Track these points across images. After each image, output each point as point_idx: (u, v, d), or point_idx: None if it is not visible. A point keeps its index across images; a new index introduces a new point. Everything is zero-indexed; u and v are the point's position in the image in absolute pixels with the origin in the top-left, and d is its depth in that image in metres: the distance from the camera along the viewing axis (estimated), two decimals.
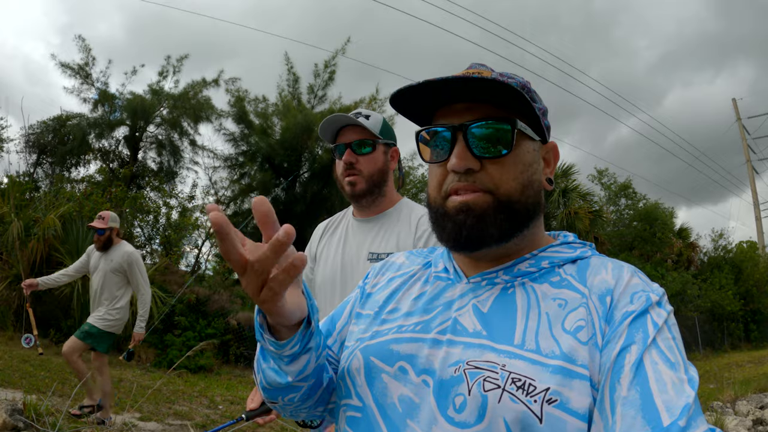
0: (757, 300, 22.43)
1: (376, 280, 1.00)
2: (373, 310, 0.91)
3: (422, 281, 0.91)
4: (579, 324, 0.71)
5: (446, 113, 0.83)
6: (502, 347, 0.71)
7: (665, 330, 0.69)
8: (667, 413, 0.59)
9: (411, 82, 0.79)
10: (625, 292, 0.73)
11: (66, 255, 8.63)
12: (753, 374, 11.31)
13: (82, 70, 13.68)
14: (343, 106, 14.38)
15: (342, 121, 1.74)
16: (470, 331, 0.75)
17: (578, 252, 0.84)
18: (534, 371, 0.67)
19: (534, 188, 0.82)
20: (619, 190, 22.38)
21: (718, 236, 24.22)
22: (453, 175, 0.80)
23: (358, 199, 1.77)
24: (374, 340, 0.83)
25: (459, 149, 0.79)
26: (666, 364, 0.64)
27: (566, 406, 0.64)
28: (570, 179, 16.57)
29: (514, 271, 0.81)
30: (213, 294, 10.41)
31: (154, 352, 9.15)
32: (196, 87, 14.49)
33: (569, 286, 0.77)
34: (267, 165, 14.26)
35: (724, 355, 17.91)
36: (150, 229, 12.61)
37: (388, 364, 0.78)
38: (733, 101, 31.21)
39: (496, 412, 0.65)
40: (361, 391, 0.79)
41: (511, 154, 0.79)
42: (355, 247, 1.77)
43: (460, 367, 0.71)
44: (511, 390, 0.66)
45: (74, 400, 4.81)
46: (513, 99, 0.78)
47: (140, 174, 14.35)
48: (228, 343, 9.88)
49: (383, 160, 1.76)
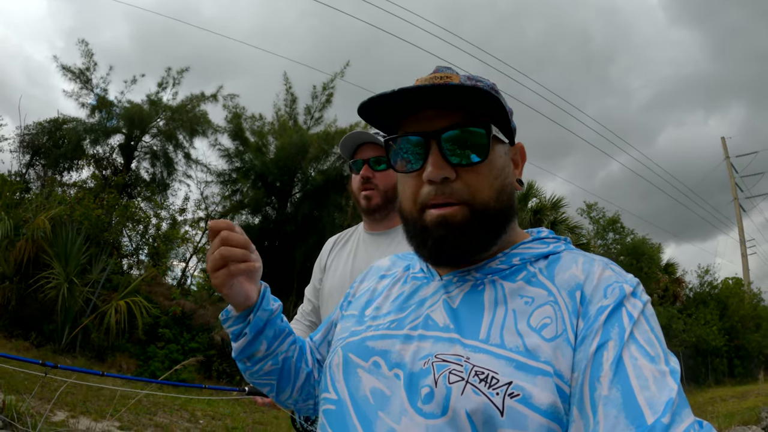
0: (742, 336, 22.54)
1: (363, 285, 1.03)
2: (356, 311, 0.95)
3: (401, 282, 0.93)
4: (544, 321, 0.71)
5: (415, 121, 0.81)
6: (469, 341, 0.72)
7: (642, 322, 0.68)
8: (650, 411, 0.59)
9: (383, 91, 0.77)
10: (598, 286, 0.72)
11: (54, 258, 8.54)
12: (737, 408, 11.28)
13: (83, 74, 13.70)
14: (338, 129, 14.48)
15: (362, 138, 1.79)
16: (440, 326, 0.77)
17: (551, 247, 0.83)
18: (497, 365, 0.67)
19: (507, 192, 0.82)
20: (607, 225, 22.56)
21: (704, 272, 24.43)
22: (428, 186, 0.79)
23: (372, 213, 1.81)
24: (354, 337, 0.86)
25: (434, 158, 0.77)
26: (646, 358, 0.64)
27: (528, 401, 0.64)
28: (559, 212, 16.71)
29: (485, 268, 0.81)
30: (198, 308, 10.32)
31: (136, 362, 9.01)
32: (195, 100, 14.54)
33: (537, 283, 0.77)
34: (260, 183, 14.28)
35: (708, 390, 17.84)
36: (139, 238, 12.50)
37: (363, 360, 0.80)
38: (722, 140, 31.76)
39: (459, 404, 0.66)
40: (338, 385, 0.82)
41: (486, 160, 0.79)
42: (365, 258, 1.80)
43: (429, 360, 0.72)
44: (474, 382, 0.66)
45: (54, 405, 4.72)
46: (484, 103, 0.78)
47: (132, 183, 14.28)
48: (211, 359, 9.74)
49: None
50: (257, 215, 14.57)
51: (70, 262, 8.63)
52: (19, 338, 8.19)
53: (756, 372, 21.90)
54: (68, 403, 5.63)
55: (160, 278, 11.72)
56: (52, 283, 8.32)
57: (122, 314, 8.70)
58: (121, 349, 9.03)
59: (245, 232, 0.86)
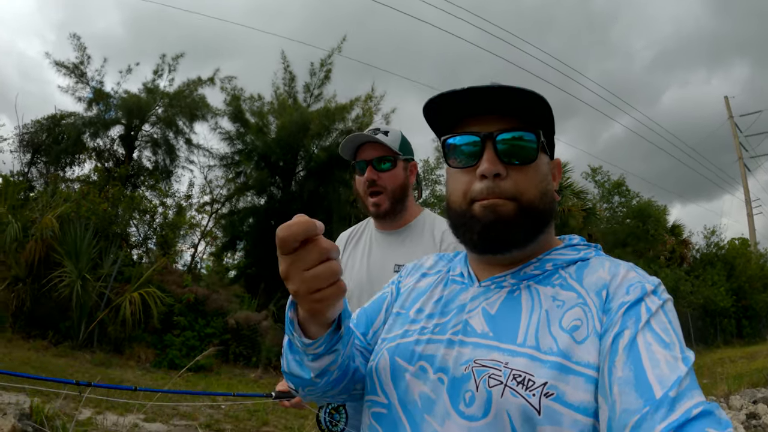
0: (749, 296, 22.73)
1: (407, 280, 1.06)
2: (402, 309, 0.97)
3: (443, 284, 0.96)
4: (575, 323, 0.75)
5: (473, 124, 0.86)
6: (506, 346, 0.76)
7: (660, 314, 0.72)
8: (659, 386, 0.62)
9: (452, 89, 0.82)
10: (622, 285, 0.77)
11: (65, 256, 8.59)
12: (745, 369, 11.44)
13: (77, 68, 13.55)
14: (338, 105, 14.34)
15: (361, 139, 1.75)
16: (479, 332, 0.81)
17: (582, 253, 0.88)
18: (533, 367, 0.71)
19: (549, 197, 0.87)
20: (612, 188, 22.52)
21: (710, 233, 24.47)
22: (479, 183, 0.83)
23: (383, 218, 1.80)
24: (400, 340, 0.89)
25: (489, 155, 0.82)
26: (660, 344, 0.67)
27: (563, 400, 0.68)
28: (564, 177, 16.63)
29: (521, 274, 0.86)
30: (211, 294, 10.41)
31: (154, 352, 9.14)
32: (192, 85, 14.39)
33: (567, 287, 0.81)
34: (263, 163, 14.21)
35: (716, 351, 18.05)
36: (146, 228, 12.55)
37: (410, 364, 0.84)
38: (725, 99, 31.42)
39: (500, 406, 0.70)
40: (387, 388, 0.85)
41: (534, 164, 0.84)
42: (380, 258, 1.79)
43: (470, 365, 0.76)
44: (512, 385, 0.70)
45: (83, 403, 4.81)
46: (536, 113, 0.84)
47: (136, 173, 14.26)
48: (227, 343, 9.88)
49: (404, 176, 1.78)
50: (262, 196, 14.54)
51: (81, 259, 8.69)
52: (37, 338, 8.29)
53: (764, 332, 22.11)
54: (92, 400, 5.70)
55: (170, 266, 11.81)
56: (65, 281, 8.39)
57: (136, 305, 8.80)
58: (138, 340, 9.16)
59: (251, 214, 0.76)
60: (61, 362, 7.51)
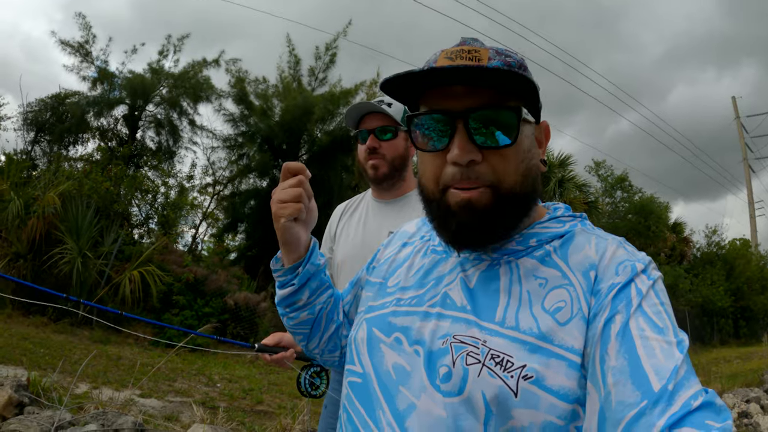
0: (748, 297, 22.68)
1: (388, 250, 1.04)
2: (380, 279, 0.97)
3: (421, 254, 0.94)
4: (558, 305, 0.72)
5: (441, 96, 0.77)
6: (485, 324, 0.74)
7: (651, 296, 0.69)
8: (657, 377, 0.60)
9: (411, 69, 0.74)
10: (610, 265, 0.73)
11: (66, 233, 8.65)
12: (740, 369, 11.46)
13: (82, 48, 13.57)
14: (343, 89, 14.35)
15: (366, 108, 1.79)
16: (458, 306, 0.78)
17: (567, 226, 0.82)
18: (512, 348, 0.69)
19: (532, 175, 0.79)
20: (615, 183, 22.45)
21: (711, 232, 24.42)
22: (452, 168, 0.76)
23: (379, 182, 1.82)
24: (378, 311, 0.88)
25: (460, 139, 0.74)
26: (653, 330, 0.64)
27: (542, 383, 0.66)
28: (567, 170, 16.60)
29: (502, 249, 0.81)
30: (210, 274, 10.44)
31: (152, 330, 9.21)
32: (197, 67, 14.41)
33: (551, 263, 0.77)
34: (266, 146, 14.22)
35: (713, 350, 18.08)
36: (148, 208, 12.59)
37: (386, 335, 0.83)
38: (732, 99, 31.27)
39: (475, 386, 0.69)
40: (363, 359, 0.85)
41: (514, 144, 0.76)
42: (376, 225, 1.82)
43: (447, 339, 0.74)
44: (490, 365, 0.69)
45: (78, 378, 4.87)
46: (516, 83, 0.73)
47: (139, 153, 14.29)
48: (225, 323, 9.95)
49: (404, 146, 1.81)
50: (265, 178, 14.56)
51: (82, 236, 8.75)
52: (37, 314, 8.37)
53: (761, 333, 22.07)
54: (89, 375, 5.80)
55: (171, 246, 11.83)
56: (66, 258, 8.46)
57: (136, 284, 8.88)
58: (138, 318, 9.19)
59: (253, 196, 0.91)
60: (60, 338, 7.59)
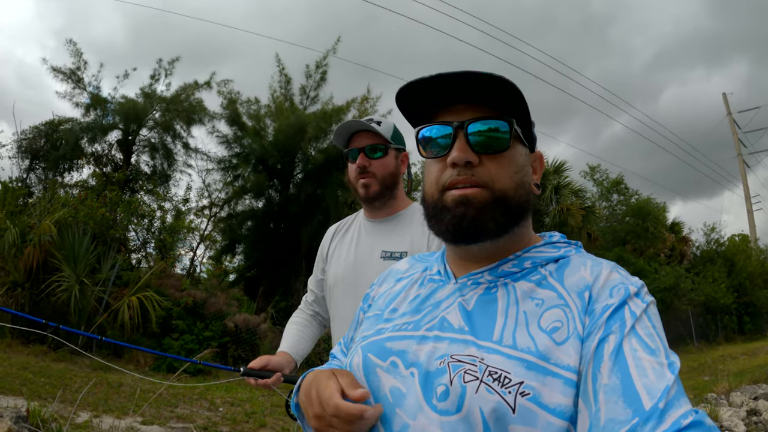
0: (750, 292, 22.61)
1: (380, 288, 1.06)
2: (377, 312, 0.97)
3: (418, 284, 0.96)
4: (555, 325, 0.74)
5: (445, 114, 0.87)
6: (483, 343, 0.75)
7: (644, 319, 0.71)
8: (648, 396, 0.62)
9: (421, 76, 0.83)
10: (605, 287, 0.76)
11: (63, 260, 8.61)
12: (747, 366, 11.42)
13: (74, 74, 13.62)
14: (335, 107, 14.41)
15: (355, 127, 1.78)
16: (456, 328, 0.80)
17: (562, 251, 0.87)
18: (510, 365, 0.71)
19: (525, 189, 0.86)
20: (611, 186, 22.50)
21: (710, 230, 24.44)
22: (451, 170, 0.83)
23: (371, 201, 1.81)
24: (373, 338, 0.89)
25: (459, 143, 0.82)
26: (646, 351, 0.66)
27: (538, 400, 0.68)
28: (562, 176, 16.63)
29: (498, 271, 0.85)
30: (209, 297, 10.39)
31: (153, 356, 9.13)
32: (189, 89, 14.46)
33: (547, 286, 0.80)
34: (260, 167, 14.22)
35: (718, 348, 18.01)
36: (145, 233, 12.56)
37: (381, 360, 0.84)
38: (723, 96, 31.49)
39: (473, 403, 0.69)
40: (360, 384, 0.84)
41: (507, 153, 0.83)
42: (368, 246, 1.81)
43: (445, 360, 0.76)
44: (488, 381, 0.70)
45: (78, 407, 4.82)
46: (509, 102, 0.82)
47: (134, 178, 14.30)
48: (226, 346, 9.87)
49: (394, 164, 1.81)
50: (260, 199, 14.55)
51: (79, 263, 8.71)
52: (36, 343, 8.30)
53: (765, 328, 22.04)
54: (90, 403, 5.73)
55: (169, 270, 11.79)
56: (63, 285, 8.41)
57: (135, 310, 8.81)
58: (137, 344, 9.15)
59: (250, 217, 0.81)
60: (60, 366, 7.52)
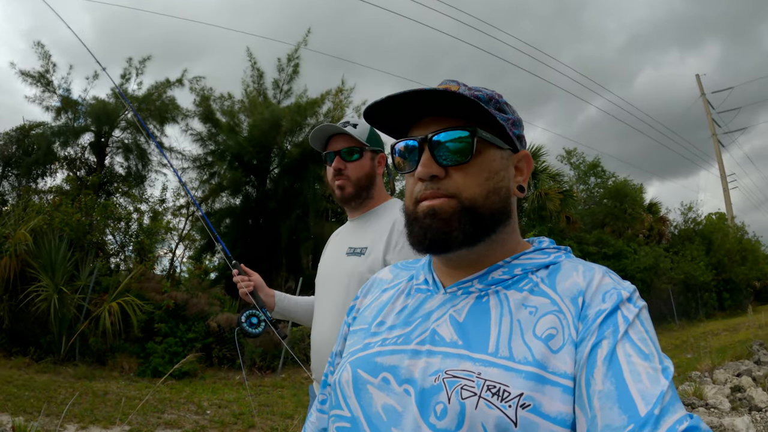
0: (729, 269, 23.20)
1: (365, 299, 1.04)
2: (365, 325, 0.95)
3: (405, 294, 0.94)
4: (550, 332, 0.73)
5: (415, 128, 0.88)
6: (478, 356, 0.74)
7: (637, 323, 0.71)
8: (643, 402, 0.62)
9: (377, 98, 0.85)
10: (597, 292, 0.76)
11: (40, 270, 8.43)
12: (729, 341, 11.69)
13: (43, 77, 13.29)
14: (309, 100, 14.34)
15: (330, 131, 1.83)
16: (447, 341, 0.78)
17: (552, 257, 0.86)
18: (507, 378, 0.70)
19: (500, 195, 0.85)
20: (588, 169, 22.77)
21: (687, 209, 24.90)
22: (421, 183, 0.84)
23: (346, 201, 1.87)
24: (362, 353, 0.87)
25: (424, 158, 0.83)
26: (639, 356, 0.66)
27: (539, 411, 0.67)
28: (540, 161, 16.75)
29: (488, 279, 0.84)
30: (191, 298, 10.27)
31: (137, 361, 9.02)
32: (160, 88, 14.22)
33: (539, 292, 0.79)
34: (236, 163, 14.10)
35: (699, 325, 18.41)
36: (122, 236, 12.34)
37: (372, 376, 0.82)
38: (696, 77, 31.99)
39: (474, 419, 0.68)
40: (350, 402, 0.83)
41: (475, 161, 0.83)
42: (341, 244, 1.87)
43: (440, 376, 0.74)
44: (487, 396, 0.69)
45: (65, 419, 4.73)
46: (474, 110, 0.83)
47: (108, 180, 14.05)
48: (210, 346, 9.78)
49: (370, 166, 1.86)
50: (238, 196, 14.46)
51: (57, 272, 8.54)
52: (18, 355, 8.15)
53: (745, 303, 22.56)
54: (77, 415, 5.65)
55: (149, 273, 11.62)
56: (42, 295, 8.23)
57: (116, 315, 8.66)
58: (121, 350, 9.02)
59: (228, 214, 0.82)
60: (44, 378, 7.38)
